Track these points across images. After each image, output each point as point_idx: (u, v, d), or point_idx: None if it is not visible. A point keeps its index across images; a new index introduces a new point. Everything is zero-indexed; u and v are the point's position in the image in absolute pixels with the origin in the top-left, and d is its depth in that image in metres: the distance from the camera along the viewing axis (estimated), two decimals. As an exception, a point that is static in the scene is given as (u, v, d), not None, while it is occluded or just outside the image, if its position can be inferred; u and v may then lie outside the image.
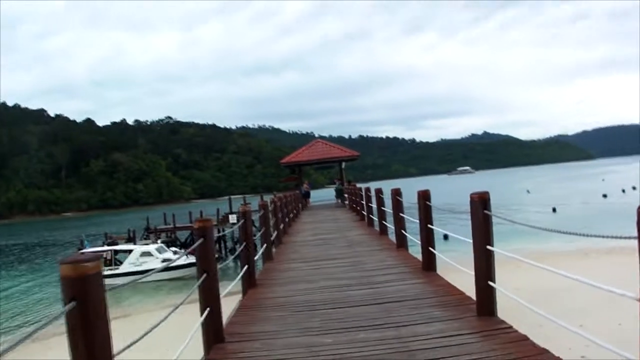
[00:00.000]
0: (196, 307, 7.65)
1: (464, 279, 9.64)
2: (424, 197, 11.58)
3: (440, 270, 11.50)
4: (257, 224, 22.35)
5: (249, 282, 11.65)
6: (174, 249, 45.49)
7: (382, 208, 19.59)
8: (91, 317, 3.70)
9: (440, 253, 11.53)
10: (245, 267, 11.67)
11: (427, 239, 11.54)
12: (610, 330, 15.26)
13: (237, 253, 12.67)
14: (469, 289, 8.85)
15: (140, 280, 7.30)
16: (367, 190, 24.87)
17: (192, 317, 7.77)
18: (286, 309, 9.26)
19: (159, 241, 50.74)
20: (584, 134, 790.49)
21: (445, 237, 26.60)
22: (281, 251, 17.74)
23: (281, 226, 21.46)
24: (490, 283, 7.58)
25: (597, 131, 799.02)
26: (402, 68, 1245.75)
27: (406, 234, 15.29)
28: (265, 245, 15.46)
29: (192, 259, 39.37)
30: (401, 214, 15.41)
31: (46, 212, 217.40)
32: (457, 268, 9.51)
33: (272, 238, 16.82)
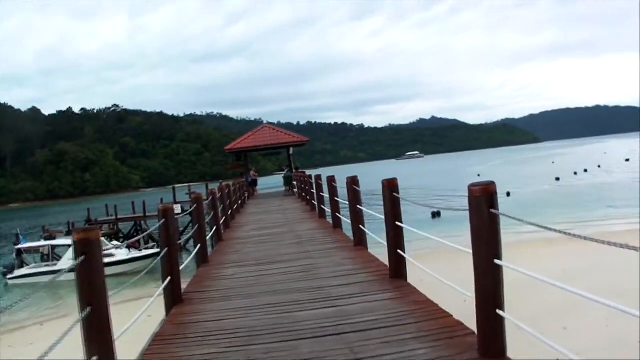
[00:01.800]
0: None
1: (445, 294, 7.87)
2: (391, 187, 9.33)
3: (412, 276, 9.34)
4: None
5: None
6: (115, 242, 42.75)
7: (336, 198, 17.27)
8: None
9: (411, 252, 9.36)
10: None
11: (396, 239, 9.32)
12: (598, 333, 13.47)
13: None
14: (458, 308, 7.12)
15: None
16: (318, 178, 22.40)
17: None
18: (214, 342, 6.95)
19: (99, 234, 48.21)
20: (531, 117, 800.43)
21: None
22: (220, 250, 15.34)
23: (221, 221, 19.11)
24: (500, 312, 5.35)
25: (543, 115, 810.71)
26: (350, 54, 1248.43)
27: (365, 229, 13.03)
28: (199, 246, 13.05)
29: (135, 254, 37.36)
30: (359, 207, 13.12)
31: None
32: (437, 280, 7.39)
33: (207, 236, 14.40)
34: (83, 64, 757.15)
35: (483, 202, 5.41)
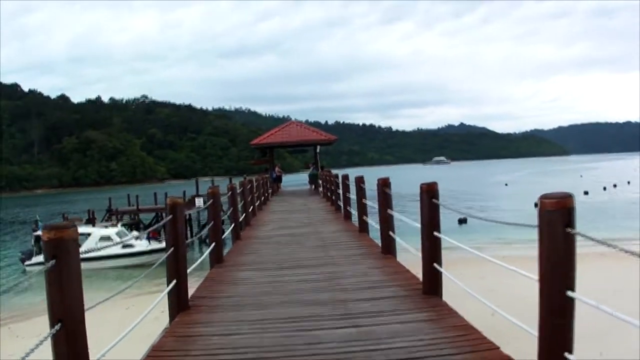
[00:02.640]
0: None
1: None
2: (430, 192, 8.27)
3: (447, 294, 8.28)
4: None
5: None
6: (136, 232, 41.98)
7: (364, 201, 16.19)
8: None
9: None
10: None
11: (432, 251, 8.27)
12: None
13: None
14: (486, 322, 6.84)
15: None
16: (345, 178, 21.27)
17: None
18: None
19: (119, 224, 47.76)
20: (560, 129, 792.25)
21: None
22: (237, 250, 14.28)
23: (241, 218, 18.11)
24: (570, 357, 4.30)
25: (572, 127, 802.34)
26: (380, 56, 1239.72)
27: (395, 236, 11.97)
28: (213, 244, 12.02)
29: (154, 245, 36.68)
30: (390, 211, 12.05)
31: (17, 188, 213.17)
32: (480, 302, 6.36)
33: (223, 235, 13.35)
34: (114, 54, 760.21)
35: (557, 218, 4.37)
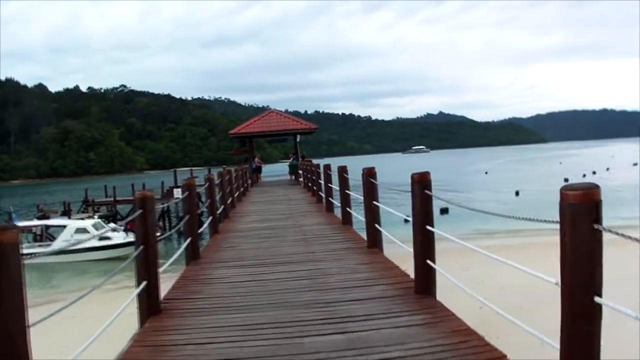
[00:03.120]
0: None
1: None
2: (422, 183, 7.64)
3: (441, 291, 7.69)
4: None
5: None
6: (113, 225, 41.08)
7: (347, 192, 15.52)
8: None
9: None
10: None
11: (425, 246, 7.66)
12: None
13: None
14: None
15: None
16: (328, 168, 20.59)
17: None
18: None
19: (96, 215, 46.95)
20: (538, 117, 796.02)
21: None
22: (215, 244, 13.56)
23: (219, 210, 17.42)
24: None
25: (550, 115, 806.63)
26: (360, 45, 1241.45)
27: (381, 229, 11.33)
28: (189, 240, 11.29)
29: (132, 237, 35.92)
30: (376, 203, 11.41)
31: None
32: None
33: (200, 229, 12.61)
34: (92, 43, 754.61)
35: (583, 213, 3.74)
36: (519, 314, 13.46)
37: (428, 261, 7.54)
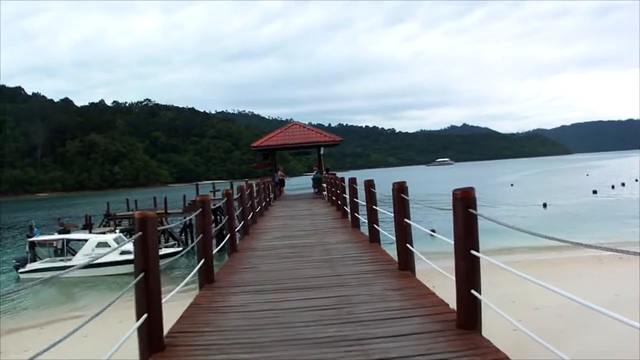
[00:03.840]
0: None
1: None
2: (466, 200, 6.60)
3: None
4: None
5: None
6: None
7: (374, 207, 14.48)
8: None
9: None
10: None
11: (470, 274, 6.58)
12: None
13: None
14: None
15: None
16: (353, 181, 19.50)
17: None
18: None
19: (117, 230, 46.44)
20: (562, 129, 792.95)
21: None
22: (232, 265, 12.55)
23: (238, 227, 16.46)
24: None
25: (574, 126, 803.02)
26: (383, 58, 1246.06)
27: (413, 249, 10.29)
28: (202, 262, 10.30)
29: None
30: (407, 221, 10.37)
31: (20, 192, 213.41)
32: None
33: (214, 249, 11.61)
34: (118, 58, 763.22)
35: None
36: (559, 340, 12.41)
37: (473, 291, 6.49)
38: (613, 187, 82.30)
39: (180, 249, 37.14)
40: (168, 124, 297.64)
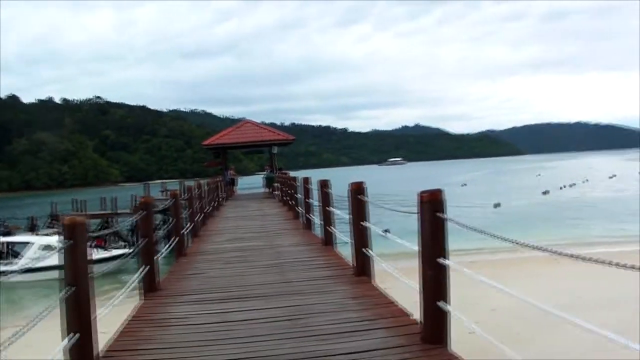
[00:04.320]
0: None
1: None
2: (433, 203, 5.98)
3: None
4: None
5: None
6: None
7: (329, 208, 13.81)
8: None
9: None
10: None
11: (436, 284, 5.96)
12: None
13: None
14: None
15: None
16: (306, 181, 18.81)
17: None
18: None
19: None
20: (513, 130, 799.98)
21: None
22: (178, 271, 11.80)
23: (187, 229, 15.69)
24: None
25: (526, 128, 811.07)
26: (336, 58, 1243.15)
27: (372, 254, 9.65)
28: (145, 269, 9.54)
29: (102, 254, 34.07)
30: (364, 223, 9.74)
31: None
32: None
33: (157, 256, 10.75)
34: (68, 55, 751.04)
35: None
36: (518, 342, 12.02)
37: (441, 303, 5.88)
38: (563, 187, 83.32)
39: (130, 250, 36.09)
40: (119, 122, 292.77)
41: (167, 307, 8.56)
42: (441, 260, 5.87)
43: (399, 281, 7.48)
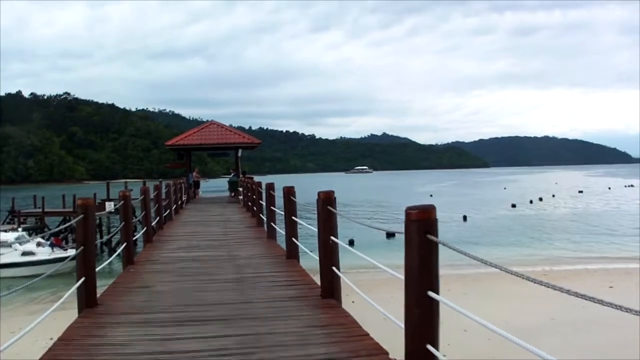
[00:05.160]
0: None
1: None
2: (425, 224, 4.89)
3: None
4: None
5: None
6: (38, 238, 37.56)
7: (294, 218, 12.67)
8: None
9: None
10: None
11: (424, 321, 4.85)
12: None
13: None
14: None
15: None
16: (270, 187, 17.57)
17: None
18: None
19: (19, 228, 43.60)
20: (480, 142, 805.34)
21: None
22: (123, 282, 10.55)
23: (139, 234, 14.48)
24: None
25: (492, 140, 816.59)
26: (306, 65, 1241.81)
27: (340, 274, 8.54)
28: (82, 280, 8.25)
29: (59, 253, 32.86)
30: (334, 239, 8.63)
31: None
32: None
33: (110, 259, 9.56)
34: (38, 49, 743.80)
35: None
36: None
37: (429, 347, 4.77)
38: (531, 201, 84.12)
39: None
40: (86, 119, 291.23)
41: (103, 328, 7.28)
42: (432, 295, 4.75)
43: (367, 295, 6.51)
